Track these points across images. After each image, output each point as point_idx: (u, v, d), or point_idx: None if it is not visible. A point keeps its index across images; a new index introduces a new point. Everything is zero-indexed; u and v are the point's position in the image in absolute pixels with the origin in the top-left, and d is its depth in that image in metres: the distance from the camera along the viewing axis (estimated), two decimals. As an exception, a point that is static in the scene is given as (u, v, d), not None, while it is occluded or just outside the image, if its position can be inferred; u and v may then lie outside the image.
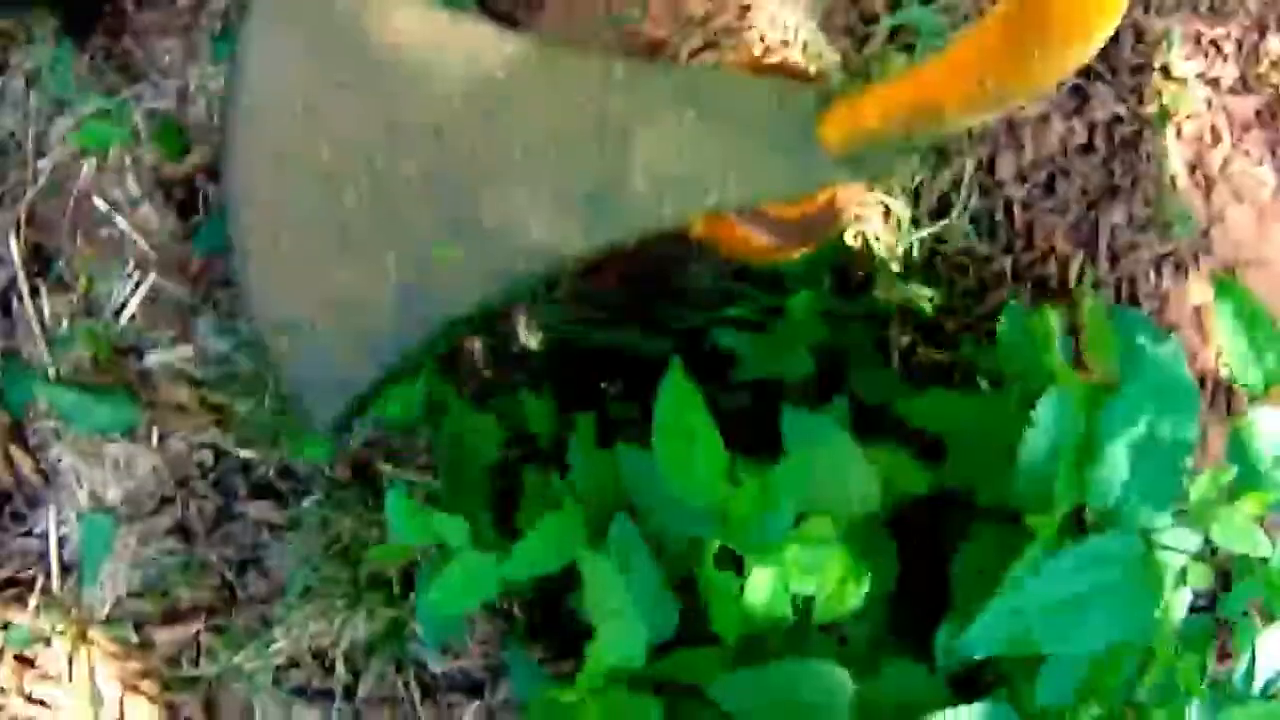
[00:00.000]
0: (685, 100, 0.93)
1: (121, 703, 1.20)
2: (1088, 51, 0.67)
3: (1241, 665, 1.07)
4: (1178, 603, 1.06)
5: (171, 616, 1.19)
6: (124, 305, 1.14)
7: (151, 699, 1.20)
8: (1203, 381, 1.47)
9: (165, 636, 1.18)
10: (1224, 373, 1.48)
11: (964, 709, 0.87)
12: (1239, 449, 0.96)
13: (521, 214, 0.95)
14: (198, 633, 1.19)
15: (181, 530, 1.18)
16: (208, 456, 1.17)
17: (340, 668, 1.18)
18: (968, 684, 1.01)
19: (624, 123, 0.94)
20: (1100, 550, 0.86)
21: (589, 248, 0.96)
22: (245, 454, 1.16)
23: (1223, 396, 1.48)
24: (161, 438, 1.15)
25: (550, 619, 1.19)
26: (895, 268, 1.25)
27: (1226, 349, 0.98)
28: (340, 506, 1.15)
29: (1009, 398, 1.07)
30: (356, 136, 0.93)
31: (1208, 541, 1.38)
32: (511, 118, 0.93)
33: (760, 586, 0.92)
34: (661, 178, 0.94)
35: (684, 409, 0.88)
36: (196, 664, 1.19)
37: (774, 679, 0.90)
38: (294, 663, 1.19)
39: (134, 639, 1.19)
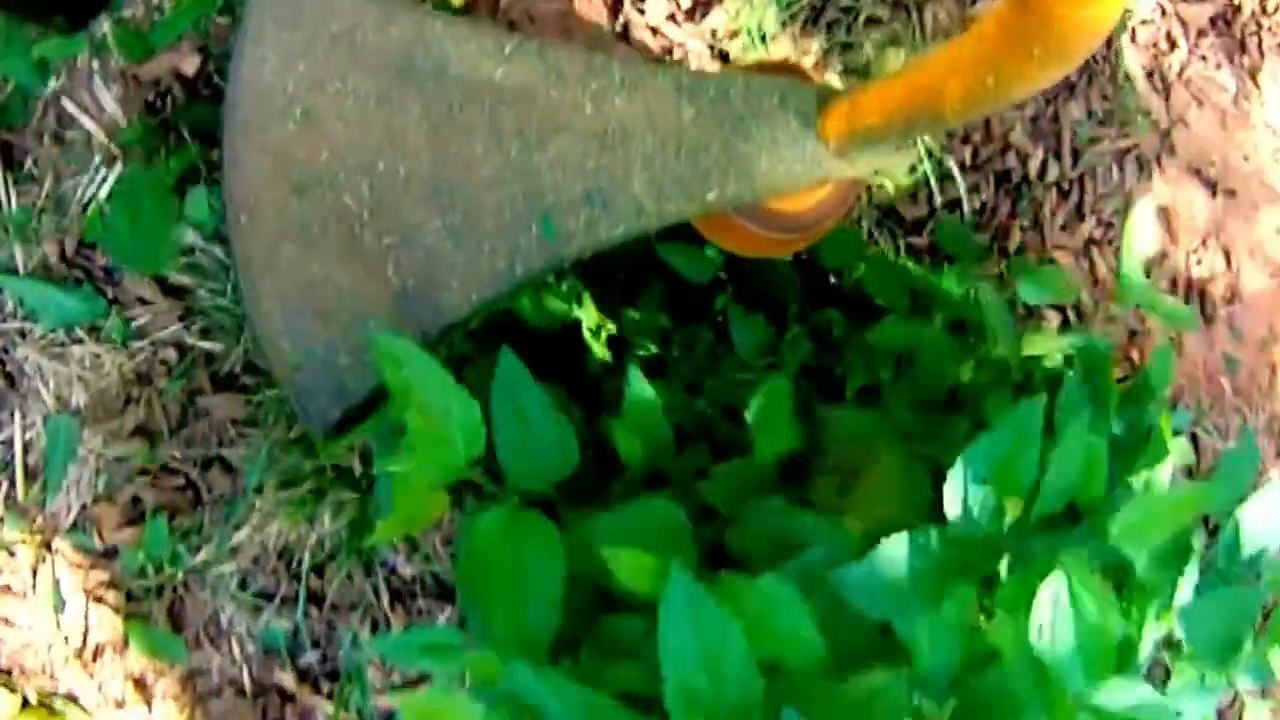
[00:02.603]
0: (685, 98, 0.94)
1: (86, 615, 1.17)
2: (1087, 49, 0.67)
3: (1226, 537, 1.05)
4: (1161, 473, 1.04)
5: (135, 521, 1.17)
6: (91, 200, 1.15)
7: (116, 609, 1.17)
8: (1174, 282, 1.46)
9: (129, 538, 1.16)
10: (1196, 273, 1.48)
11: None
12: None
13: (522, 215, 0.95)
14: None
15: (145, 431, 1.17)
16: (172, 354, 1.16)
17: (306, 568, 1.16)
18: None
19: (624, 121, 0.94)
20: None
21: (590, 246, 0.96)
22: (208, 345, 1.15)
23: (1195, 297, 1.47)
24: (127, 336, 1.15)
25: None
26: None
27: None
28: (304, 395, 1.14)
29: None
30: (356, 142, 0.94)
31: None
32: (511, 119, 0.94)
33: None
34: (662, 175, 0.94)
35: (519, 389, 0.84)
36: (160, 570, 1.16)
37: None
38: (259, 564, 1.16)
39: (98, 546, 1.16)
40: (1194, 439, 1.44)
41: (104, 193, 1.15)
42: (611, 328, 1.17)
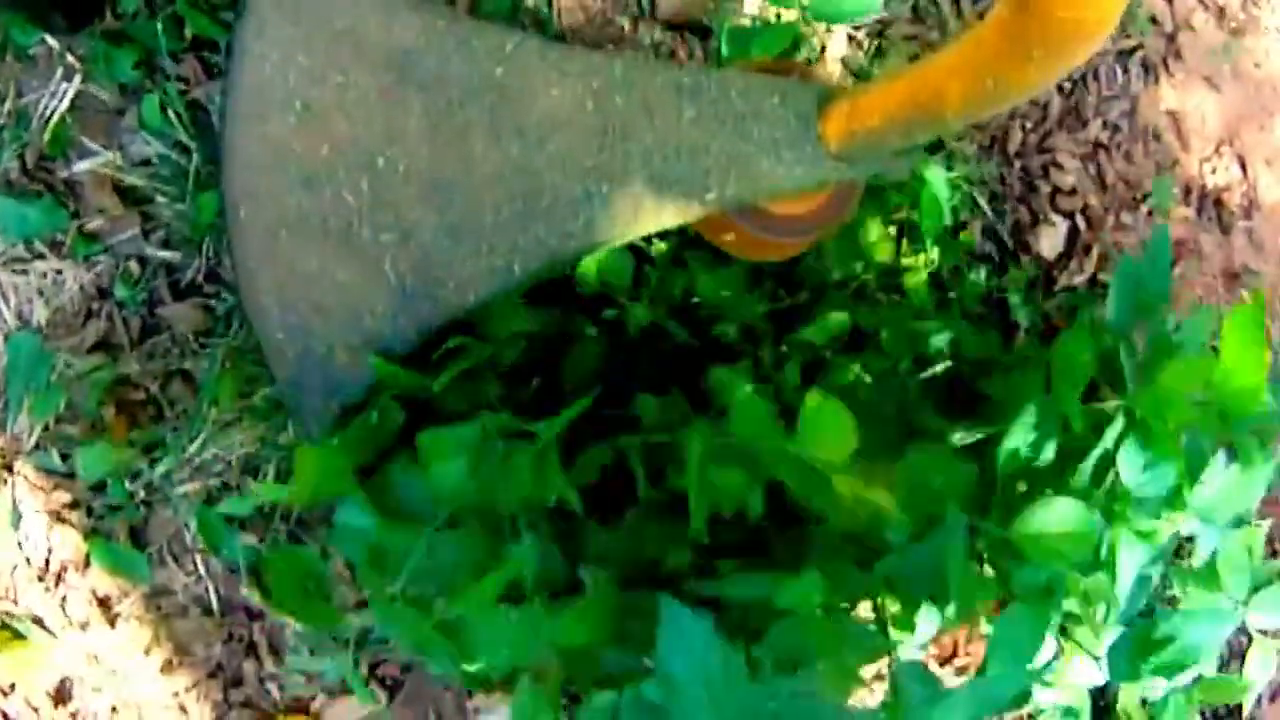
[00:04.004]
0: (686, 98, 0.94)
1: (49, 536, 1.14)
2: (1088, 51, 0.67)
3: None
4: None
5: (98, 438, 1.14)
6: (52, 114, 1.13)
7: (78, 529, 1.14)
8: (1187, 190, 1.39)
9: (91, 459, 1.13)
10: (1210, 182, 1.41)
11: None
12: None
13: (522, 214, 0.94)
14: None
15: (106, 346, 1.14)
16: (134, 267, 1.14)
17: (271, 480, 1.12)
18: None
19: (624, 121, 0.94)
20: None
21: (589, 246, 0.96)
22: (168, 256, 1.13)
23: (1210, 206, 1.39)
24: (88, 251, 1.13)
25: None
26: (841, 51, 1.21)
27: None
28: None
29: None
30: (356, 137, 0.93)
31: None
32: (511, 117, 0.93)
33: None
34: (662, 175, 0.94)
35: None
36: (121, 487, 1.13)
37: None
38: (223, 478, 1.13)
39: (60, 466, 1.14)
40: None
41: (64, 106, 1.14)
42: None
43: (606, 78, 0.93)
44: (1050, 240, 1.30)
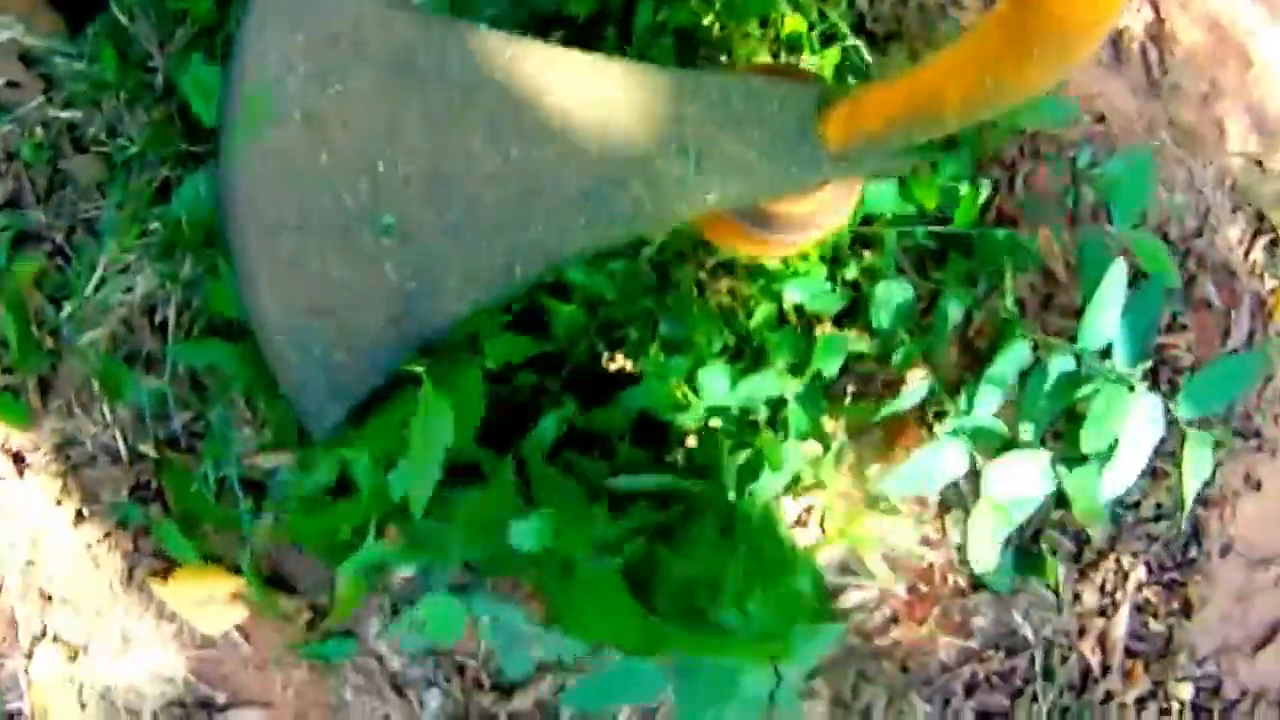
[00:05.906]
0: (686, 100, 0.95)
1: (-40, 398, 1.17)
2: (1088, 50, 0.69)
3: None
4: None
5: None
6: (-40, -9, 1.19)
7: (-12, 384, 1.17)
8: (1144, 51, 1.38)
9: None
10: (1120, 24, 1.40)
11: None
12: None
13: (521, 214, 0.95)
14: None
15: (15, 205, 1.18)
16: (39, 131, 1.18)
17: (172, 323, 1.14)
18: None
19: (625, 122, 0.95)
20: None
21: (589, 246, 0.97)
22: (69, 115, 1.17)
23: (1124, 50, 1.38)
24: (-2, 121, 1.17)
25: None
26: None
27: None
28: (162, 146, 1.14)
29: None
30: (356, 142, 0.93)
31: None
32: (511, 119, 0.94)
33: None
34: (662, 177, 0.95)
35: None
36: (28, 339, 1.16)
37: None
38: (126, 323, 1.15)
39: (-29, 323, 1.17)
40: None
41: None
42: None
43: (607, 79, 0.94)
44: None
